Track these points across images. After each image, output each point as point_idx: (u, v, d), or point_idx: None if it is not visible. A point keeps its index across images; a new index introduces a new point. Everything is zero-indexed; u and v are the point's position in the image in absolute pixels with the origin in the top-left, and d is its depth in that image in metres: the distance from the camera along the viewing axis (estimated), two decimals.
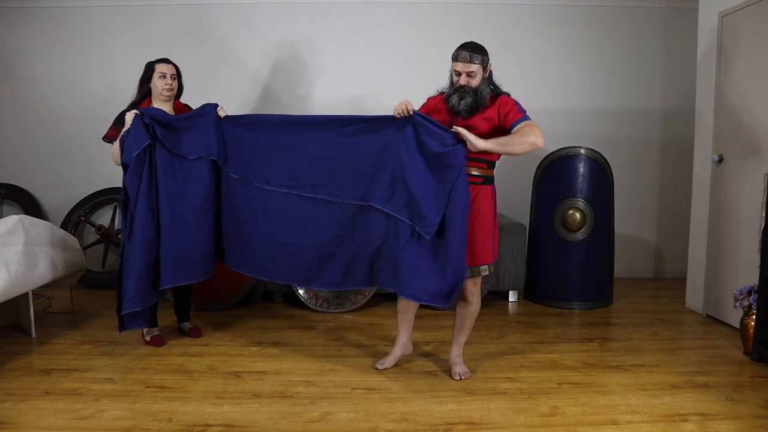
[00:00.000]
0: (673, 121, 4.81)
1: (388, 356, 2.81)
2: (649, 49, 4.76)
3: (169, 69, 3.06)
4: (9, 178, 4.71)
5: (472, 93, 2.50)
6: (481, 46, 2.54)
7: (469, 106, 2.50)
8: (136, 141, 2.79)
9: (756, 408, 2.39)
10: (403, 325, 2.80)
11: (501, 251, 4.03)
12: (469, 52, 2.49)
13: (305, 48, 4.63)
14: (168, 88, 3.04)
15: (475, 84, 2.51)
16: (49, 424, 2.23)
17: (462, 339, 2.75)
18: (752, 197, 3.32)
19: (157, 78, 3.04)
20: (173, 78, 3.07)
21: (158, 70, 3.05)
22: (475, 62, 2.49)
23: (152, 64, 3.09)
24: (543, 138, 2.39)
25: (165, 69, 3.05)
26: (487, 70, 2.56)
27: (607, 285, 4.09)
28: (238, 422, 2.25)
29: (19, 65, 4.65)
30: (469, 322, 2.72)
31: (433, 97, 2.70)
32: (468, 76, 2.49)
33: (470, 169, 2.52)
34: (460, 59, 2.50)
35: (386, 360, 2.79)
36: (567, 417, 2.31)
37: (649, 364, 2.91)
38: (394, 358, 2.79)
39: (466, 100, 2.49)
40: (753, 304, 2.95)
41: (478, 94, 2.50)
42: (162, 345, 3.12)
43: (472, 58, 2.48)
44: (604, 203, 4.01)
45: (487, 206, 2.59)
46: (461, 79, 2.50)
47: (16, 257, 2.95)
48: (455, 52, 2.52)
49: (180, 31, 4.59)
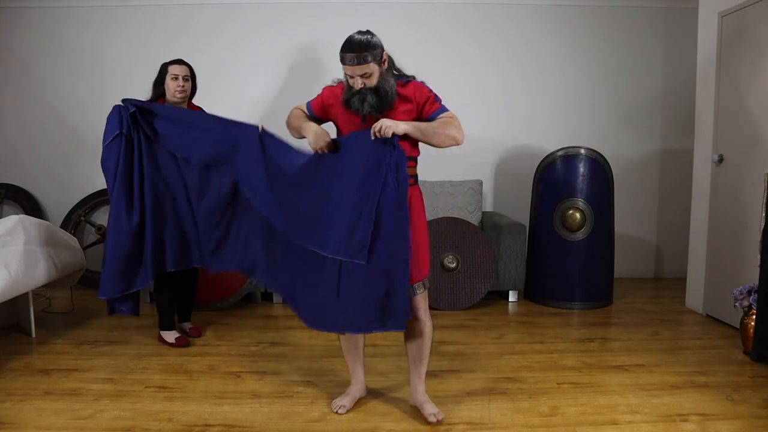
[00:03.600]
0: (673, 122, 4.81)
1: (346, 396, 2.41)
2: (649, 49, 4.76)
3: (181, 70, 3.03)
4: (9, 178, 4.72)
5: (373, 92, 2.15)
6: (367, 40, 2.12)
7: (375, 106, 2.16)
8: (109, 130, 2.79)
9: (756, 408, 2.39)
10: (357, 363, 2.44)
11: (501, 251, 4.04)
12: (355, 53, 2.09)
13: (304, 48, 4.64)
14: (180, 90, 3.01)
15: (373, 83, 2.15)
16: (49, 424, 2.23)
17: (424, 370, 2.34)
18: (752, 197, 3.32)
19: (169, 80, 3.00)
20: (186, 79, 3.04)
21: (170, 72, 3.01)
22: (367, 61, 2.10)
23: (165, 66, 3.05)
24: (463, 134, 2.15)
25: (177, 70, 3.02)
26: (384, 62, 2.18)
27: (607, 285, 4.09)
28: (238, 422, 2.25)
29: (19, 65, 4.65)
30: (426, 347, 2.31)
31: (331, 87, 2.34)
32: (363, 78, 2.13)
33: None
34: (347, 62, 2.11)
35: (344, 400, 2.38)
36: (567, 417, 2.31)
37: (649, 364, 2.91)
38: (353, 399, 2.41)
39: (369, 100, 2.15)
40: (753, 304, 2.95)
41: (381, 92, 2.15)
42: (187, 345, 3.13)
43: (360, 59, 2.09)
44: (604, 203, 4.01)
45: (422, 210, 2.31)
46: (356, 82, 2.14)
47: (16, 257, 2.95)
48: (341, 54, 2.12)
49: (182, 31, 4.60)
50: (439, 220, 4.00)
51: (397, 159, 2.13)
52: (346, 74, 2.17)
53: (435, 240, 3.91)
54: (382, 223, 2.13)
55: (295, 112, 2.40)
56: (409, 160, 2.22)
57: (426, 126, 2.17)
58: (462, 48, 4.66)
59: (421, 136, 2.16)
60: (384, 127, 2.08)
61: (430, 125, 2.17)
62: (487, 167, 4.78)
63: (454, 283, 3.92)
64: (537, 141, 4.69)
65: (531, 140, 4.72)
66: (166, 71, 3.03)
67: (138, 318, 3.69)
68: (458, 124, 2.18)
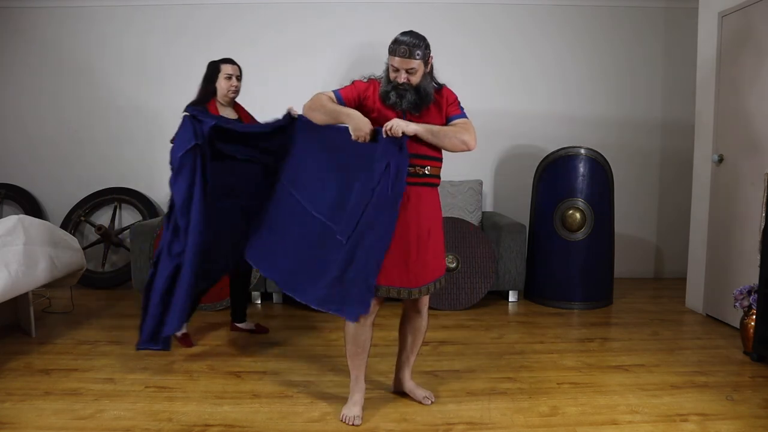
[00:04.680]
0: (674, 122, 4.81)
1: (355, 406, 2.30)
2: (649, 49, 4.76)
3: (234, 70, 3.02)
4: (9, 178, 4.72)
5: (413, 91, 2.17)
6: (422, 36, 2.18)
7: (413, 104, 2.18)
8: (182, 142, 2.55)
9: (756, 408, 2.39)
10: (362, 369, 2.35)
11: (501, 251, 4.04)
12: (408, 46, 2.13)
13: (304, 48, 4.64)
14: (234, 90, 3.01)
15: (415, 81, 2.17)
16: (49, 424, 2.23)
17: (414, 359, 2.49)
18: (752, 197, 3.32)
19: (223, 79, 2.98)
20: (238, 79, 3.03)
21: (224, 71, 2.99)
22: (417, 57, 2.13)
23: (217, 64, 3.02)
24: (476, 141, 2.20)
25: (230, 70, 3.00)
26: (429, 65, 2.22)
27: (607, 285, 4.10)
28: (238, 422, 2.25)
29: (19, 66, 4.65)
30: (420, 339, 2.45)
31: (362, 82, 2.31)
32: (407, 73, 2.15)
33: (423, 168, 2.24)
34: (398, 54, 2.13)
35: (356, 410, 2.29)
36: (567, 417, 2.31)
37: (649, 364, 2.91)
38: (361, 406, 2.32)
39: (408, 97, 2.17)
40: (753, 304, 2.95)
41: (421, 91, 2.18)
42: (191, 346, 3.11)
43: (412, 52, 2.13)
44: (604, 203, 4.01)
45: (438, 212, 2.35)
46: (400, 76, 2.16)
47: (16, 257, 2.95)
48: (392, 45, 2.16)
49: (182, 31, 4.60)
50: None
51: (398, 162, 2.14)
52: (390, 66, 2.18)
53: None
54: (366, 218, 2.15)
55: (323, 96, 2.27)
56: (434, 161, 2.27)
57: (439, 129, 2.20)
58: (462, 48, 4.66)
59: (432, 138, 2.18)
60: (395, 126, 2.10)
61: (443, 129, 2.21)
62: (487, 167, 4.78)
63: (454, 283, 3.92)
64: (537, 141, 4.69)
65: (531, 140, 4.72)
66: (218, 69, 3.00)
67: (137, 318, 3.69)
68: (473, 130, 2.23)
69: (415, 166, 2.21)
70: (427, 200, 2.27)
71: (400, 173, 2.14)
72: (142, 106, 4.63)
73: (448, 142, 2.20)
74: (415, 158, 2.20)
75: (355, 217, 2.17)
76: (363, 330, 2.27)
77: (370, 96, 2.27)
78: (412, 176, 2.21)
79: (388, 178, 2.13)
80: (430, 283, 2.29)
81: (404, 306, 2.43)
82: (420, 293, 2.27)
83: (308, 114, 2.32)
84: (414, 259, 2.23)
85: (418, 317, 2.41)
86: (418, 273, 2.25)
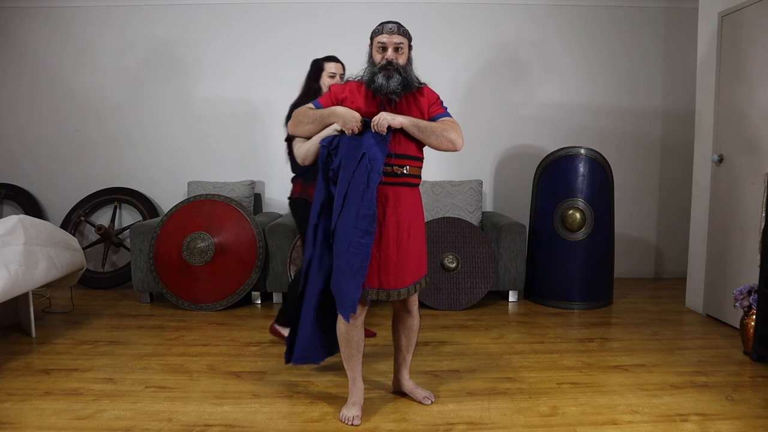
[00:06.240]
0: (674, 121, 4.81)
1: (354, 406, 2.30)
2: (649, 49, 4.76)
3: (338, 68, 3.01)
4: (9, 178, 4.72)
5: (400, 71, 2.17)
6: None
7: (400, 85, 2.16)
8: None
9: (756, 408, 2.39)
10: (358, 370, 2.34)
11: (501, 251, 4.04)
12: (395, 24, 2.20)
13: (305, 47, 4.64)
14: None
15: (402, 62, 2.19)
16: (49, 424, 2.23)
17: (410, 359, 2.48)
18: (752, 197, 3.32)
19: (327, 77, 2.98)
20: (341, 78, 3.02)
21: (327, 70, 2.99)
22: (404, 34, 2.20)
23: (321, 62, 3.02)
24: (463, 141, 2.21)
25: (334, 68, 3.00)
26: (411, 51, 2.26)
27: (607, 285, 4.09)
28: (238, 422, 2.25)
29: (19, 65, 4.65)
30: (414, 338, 2.43)
31: (338, 85, 2.33)
32: (395, 51, 2.17)
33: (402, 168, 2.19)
34: (385, 31, 2.18)
35: (355, 411, 2.29)
36: (567, 417, 2.31)
37: (649, 364, 2.91)
38: (360, 406, 2.32)
39: (395, 78, 2.15)
40: (753, 304, 2.95)
41: (407, 75, 2.19)
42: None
43: (399, 29, 2.19)
44: (604, 203, 4.01)
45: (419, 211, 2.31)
46: (388, 53, 2.16)
47: (16, 257, 2.96)
48: (378, 26, 2.21)
49: (182, 31, 4.60)
50: (439, 220, 4.00)
51: (374, 153, 2.10)
52: (376, 46, 2.20)
53: (435, 240, 3.92)
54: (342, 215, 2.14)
55: (303, 108, 2.30)
56: (414, 160, 2.23)
57: (426, 124, 2.18)
58: (462, 48, 4.66)
59: (419, 132, 2.17)
60: (381, 120, 2.11)
61: (430, 124, 2.19)
62: (487, 167, 4.78)
63: (454, 283, 3.92)
64: (537, 141, 4.69)
65: (531, 140, 4.72)
66: (322, 68, 3.00)
67: (138, 318, 3.71)
68: (460, 130, 2.22)
69: (393, 165, 2.17)
70: (406, 200, 2.23)
71: (374, 162, 2.10)
72: (143, 106, 4.64)
73: (435, 140, 2.19)
74: (393, 158, 2.17)
75: (336, 211, 2.17)
76: (355, 331, 2.27)
77: (348, 96, 2.26)
78: (390, 176, 2.18)
79: (363, 168, 2.10)
80: (410, 285, 2.26)
81: (394, 306, 2.42)
82: (399, 295, 2.23)
83: (295, 131, 2.31)
84: (394, 260, 2.20)
85: (408, 317, 2.39)
86: (398, 274, 2.21)
